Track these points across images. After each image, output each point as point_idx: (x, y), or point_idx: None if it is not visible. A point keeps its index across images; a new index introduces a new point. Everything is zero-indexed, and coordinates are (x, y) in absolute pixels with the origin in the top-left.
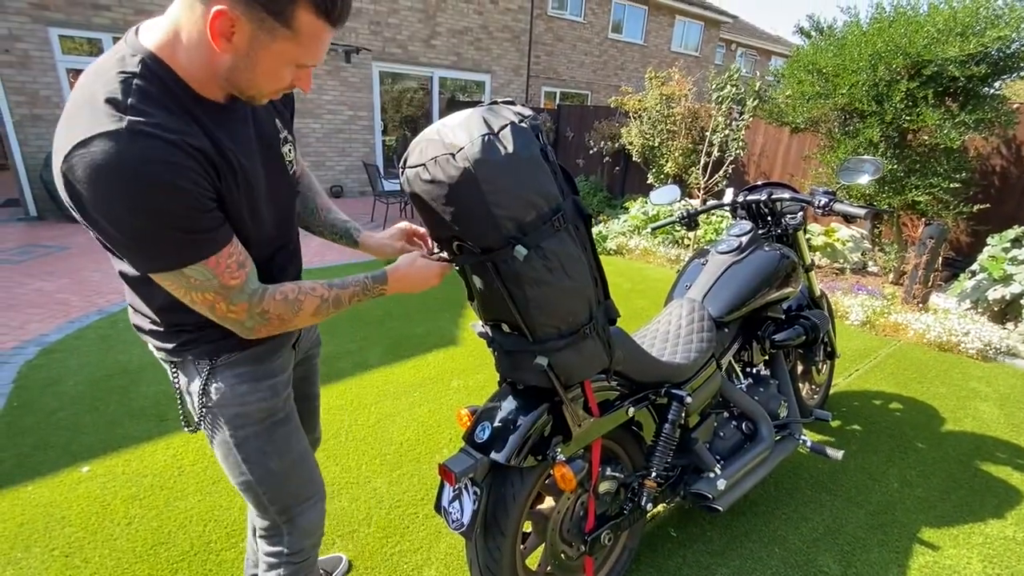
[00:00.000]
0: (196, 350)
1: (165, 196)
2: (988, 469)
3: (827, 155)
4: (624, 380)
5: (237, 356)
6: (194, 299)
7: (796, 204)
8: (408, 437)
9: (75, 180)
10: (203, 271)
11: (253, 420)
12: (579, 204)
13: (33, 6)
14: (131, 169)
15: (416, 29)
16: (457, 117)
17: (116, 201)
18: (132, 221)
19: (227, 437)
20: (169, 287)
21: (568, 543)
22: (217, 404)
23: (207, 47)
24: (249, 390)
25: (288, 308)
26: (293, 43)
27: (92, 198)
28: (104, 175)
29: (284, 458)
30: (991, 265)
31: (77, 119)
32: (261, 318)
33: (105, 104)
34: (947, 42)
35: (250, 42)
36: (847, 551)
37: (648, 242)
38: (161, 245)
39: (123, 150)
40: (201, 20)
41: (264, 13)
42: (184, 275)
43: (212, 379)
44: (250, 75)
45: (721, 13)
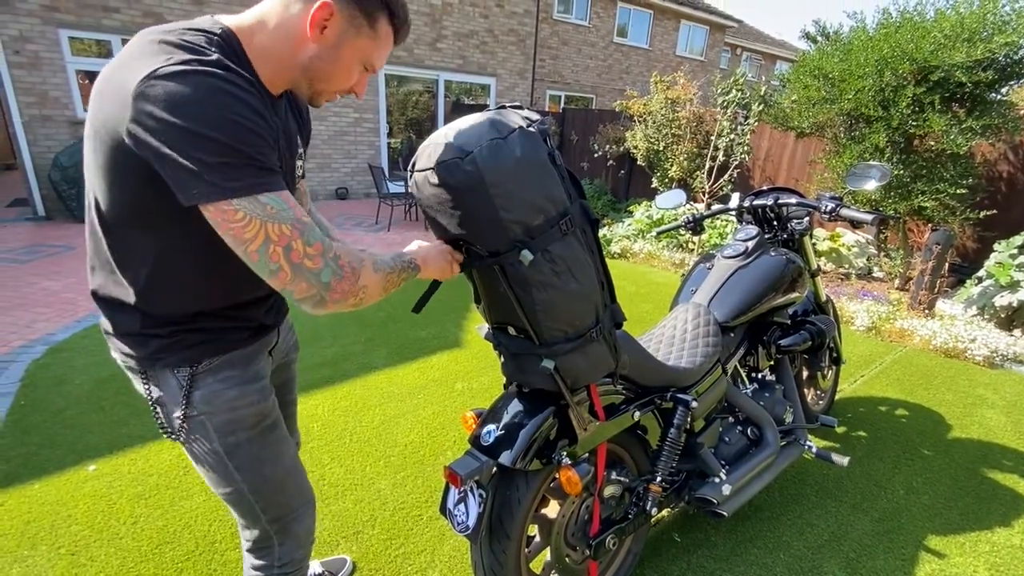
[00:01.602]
0: (173, 356)
1: (247, 119)
2: (995, 477)
3: (833, 160)
4: (630, 384)
5: (220, 360)
6: (270, 234)
7: (802, 209)
8: (412, 439)
9: (154, 101)
10: (278, 200)
11: (246, 425)
12: (586, 208)
13: (44, 8)
14: (217, 90)
15: (422, 32)
16: (466, 121)
17: (200, 119)
18: (216, 140)
19: (216, 446)
20: (239, 226)
21: (573, 547)
22: (204, 412)
23: (296, 36)
24: (240, 394)
25: (355, 259)
26: (372, 43)
27: (173, 118)
28: (190, 94)
29: (278, 464)
30: (998, 271)
31: (150, 57)
32: (336, 264)
33: (181, 49)
34: (954, 48)
35: (339, 36)
36: (852, 558)
37: (652, 246)
38: (242, 167)
39: (208, 76)
40: (301, 13)
41: (357, 11)
42: (260, 202)
43: (195, 386)
44: (331, 66)
45: (726, 17)
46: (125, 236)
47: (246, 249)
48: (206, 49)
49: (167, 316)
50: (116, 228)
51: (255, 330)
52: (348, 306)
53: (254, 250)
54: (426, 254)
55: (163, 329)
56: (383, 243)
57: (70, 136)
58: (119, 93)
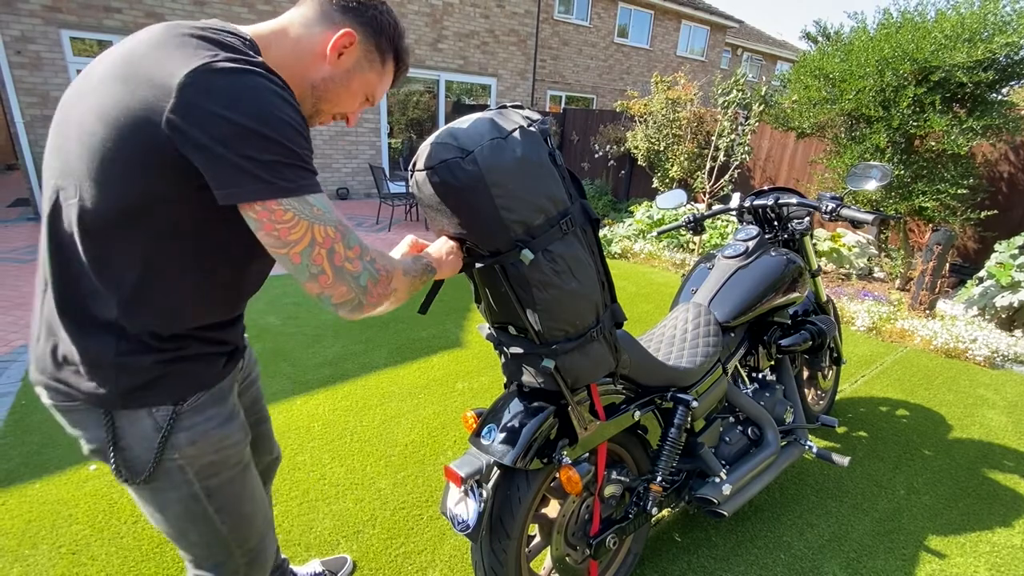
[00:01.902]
0: (154, 392)
1: (295, 120)
2: (995, 477)
3: (833, 160)
4: (630, 384)
5: (204, 396)
6: (316, 236)
7: (803, 209)
8: (413, 439)
9: (206, 94)
10: (323, 201)
11: (229, 465)
12: (587, 208)
13: (46, 8)
14: (268, 90)
15: (423, 33)
16: (467, 121)
17: (255, 116)
18: (269, 138)
19: (195, 490)
20: (286, 227)
21: (573, 546)
22: (186, 456)
23: (313, 55)
24: (227, 433)
25: (388, 260)
26: (378, 79)
27: (227, 113)
28: (245, 91)
29: (255, 498)
30: (999, 272)
31: (190, 49)
32: (372, 267)
33: (223, 47)
34: (955, 48)
35: (354, 64)
36: (853, 558)
37: (653, 246)
38: (293, 167)
39: (259, 76)
40: (321, 35)
41: (374, 47)
42: (308, 203)
43: (177, 427)
44: (341, 90)
45: (727, 18)
46: (109, 237)
47: (289, 252)
48: (247, 51)
49: (152, 335)
50: (101, 228)
51: (230, 355)
52: (381, 310)
53: (297, 252)
54: (438, 255)
55: (145, 358)
56: (384, 243)
57: None
58: (154, 80)
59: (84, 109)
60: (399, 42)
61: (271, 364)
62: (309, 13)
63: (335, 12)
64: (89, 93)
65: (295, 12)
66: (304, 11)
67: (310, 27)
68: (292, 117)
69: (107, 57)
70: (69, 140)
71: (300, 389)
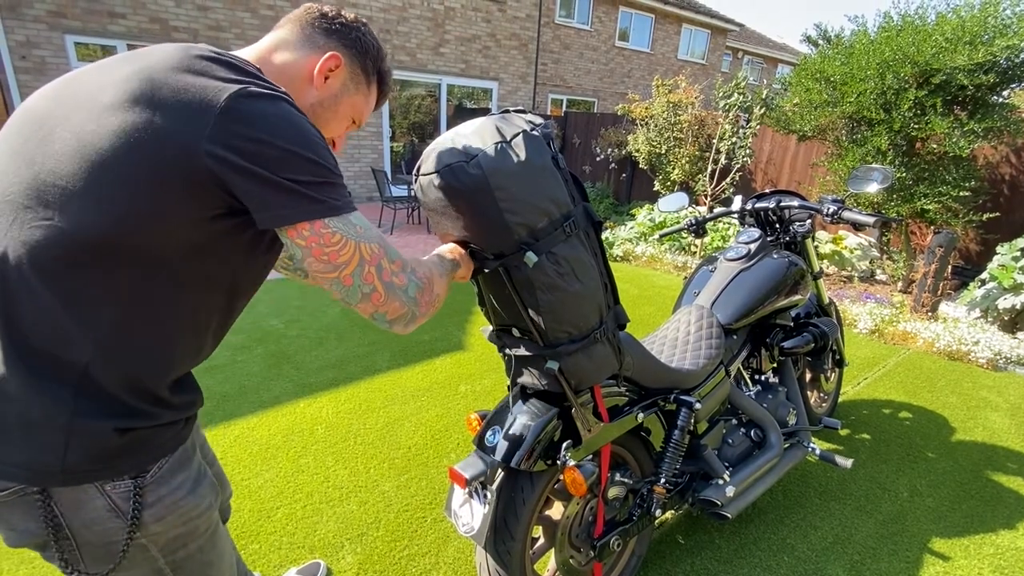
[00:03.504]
0: (109, 465)
1: (325, 143)
2: (999, 479)
3: (835, 163)
4: (633, 386)
5: (168, 463)
6: (364, 254)
7: (804, 212)
8: (416, 441)
9: (248, 121)
10: (363, 219)
11: (198, 535)
12: (590, 211)
13: (51, 14)
14: (300, 116)
15: (425, 37)
16: (470, 125)
17: (296, 140)
18: (311, 160)
19: (160, 566)
20: (335, 249)
21: (577, 548)
22: (150, 534)
23: (300, 80)
24: (196, 502)
25: (424, 267)
26: (363, 100)
27: (271, 138)
28: (284, 117)
29: (224, 559)
30: (1001, 274)
31: (219, 73)
32: (415, 277)
33: (250, 75)
34: (955, 51)
35: (341, 87)
36: (856, 561)
37: (655, 249)
38: (335, 187)
39: (288, 103)
40: (306, 59)
41: (359, 69)
42: (351, 222)
43: (143, 502)
44: (329, 114)
45: (727, 21)
46: (87, 266)
47: (340, 275)
48: (266, 79)
49: (127, 388)
50: (80, 254)
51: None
52: (428, 318)
53: (348, 274)
54: (460, 254)
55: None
56: None
57: None
58: (187, 105)
59: (90, 126)
60: (381, 64)
61: (275, 367)
62: (291, 37)
63: (318, 35)
64: (92, 109)
65: (275, 36)
66: (285, 35)
67: (294, 51)
68: (322, 139)
69: (112, 74)
70: (53, 156)
71: (304, 392)
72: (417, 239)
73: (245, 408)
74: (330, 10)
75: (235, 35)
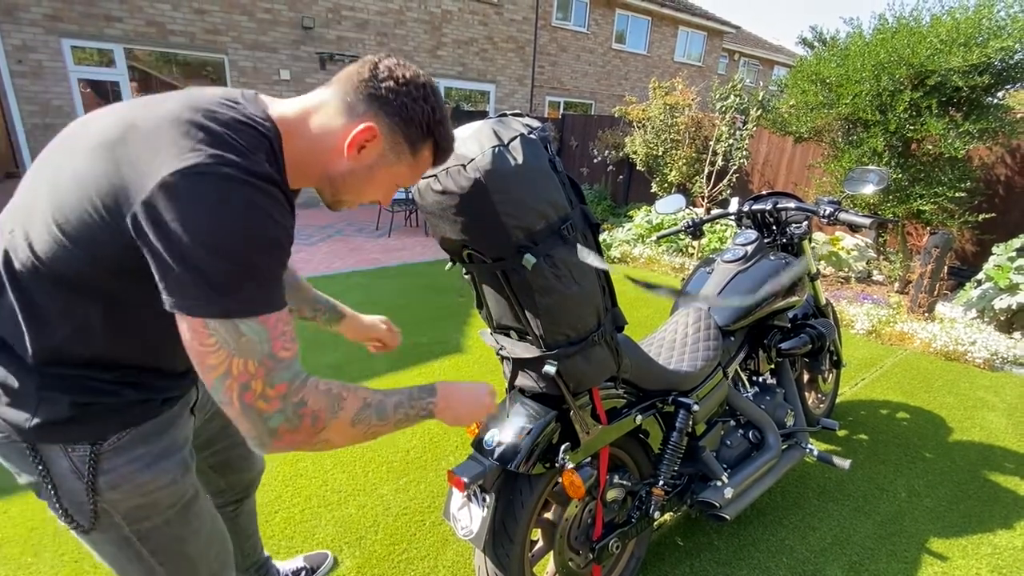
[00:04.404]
0: (69, 431)
1: (263, 246)
2: (996, 479)
3: (831, 164)
4: (632, 388)
5: (129, 435)
6: (232, 370)
7: (801, 213)
8: (415, 444)
9: (171, 198)
10: (258, 329)
11: (162, 508)
12: (587, 213)
13: (48, 17)
14: (248, 203)
15: (422, 40)
16: (467, 129)
17: (215, 234)
18: (223, 258)
19: (126, 534)
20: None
21: (576, 551)
22: (108, 500)
23: (332, 150)
24: (154, 476)
25: (329, 404)
26: (409, 168)
27: (186, 223)
28: (214, 205)
29: (200, 536)
30: (997, 274)
31: (188, 141)
32: (294, 412)
33: (225, 146)
34: (950, 52)
35: (377, 158)
36: (855, 561)
37: (652, 251)
38: (238, 290)
39: (236, 189)
40: (341, 129)
41: (402, 139)
42: (238, 330)
43: (98, 469)
44: (363, 184)
45: (724, 23)
46: (64, 275)
47: (204, 375)
48: (250, 153)
49: (88, 366)
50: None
51: (169, 400)
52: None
53: (212, 377)
54: (453, 396)
55: (63, 395)
56: (383, 249)
57: None
58: (138, 168)
59: (65, 161)
60: (437, 128)
61: None
62: (332, 100)
63: (359, 102)
64: (76, 147)
65: (320, 96)
66: (328, 96)
67: (331, 118)
68: (271, 238)
69: (110, 117)
70: (37, 197)
71: None
72: (415, 241)
73: None
74: (383, 70)
75: (232, 38)
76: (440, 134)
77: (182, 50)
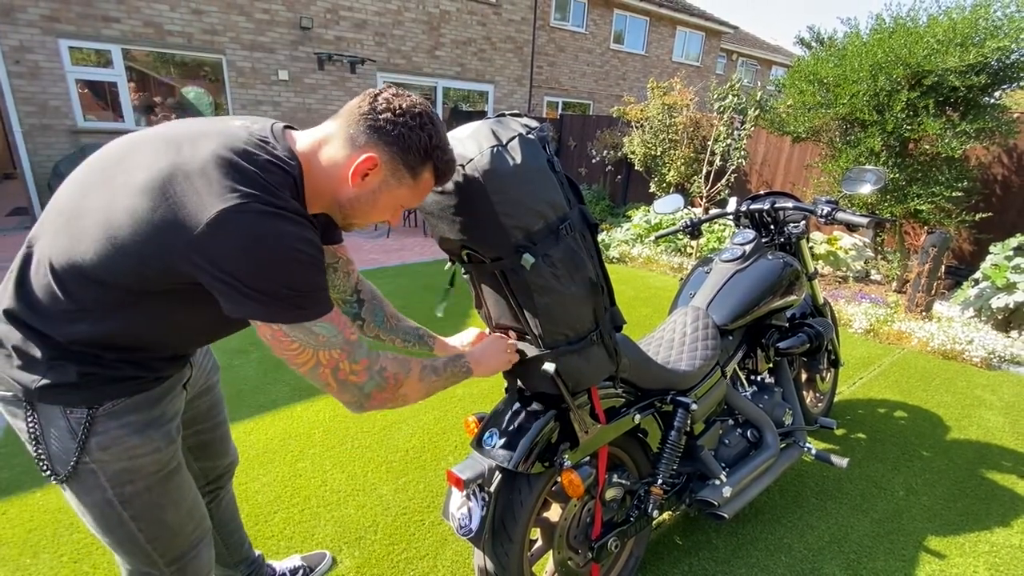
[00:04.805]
0: (70, 396)
1: (304, 263)
2: (994, 477)
3: (829, 164)
4: (630, 387)
5: (123, 403)
6: (320, 359)
7: (799, 213)
8: (414, 444)
9: (218, 233)
10: (326, 326)
11: (145, 473)
12: (585, 213)
13: (45, 18)
14: (286, 234)
15: (420, 40)
16: (466, 129)
17: (268, 263)
18: (281, 281)
19: (109, 496)
20: (292, 352)
21: (575, 550)
22: (97, 460)
23: (338, 178)
24: (141, 442)
25: (401, 367)
26: (411, 191)
27: (235, 253)
28: (257, 235)
29: (180, 507)
30: (994, 273)
31: (228, 182)
32: (379, 377)
33: (258, 186)
34: (947, 52)
35: (379, 184)
36: (853, 559)
37: (651, 250)
38: (302, 299)
39: (272, 221)
40: (345, 160)
41: (401, 166)
42: (312, 332)
43: (91, 431)
44: (368, 209)
45: (722, 23)
46: (89, 282)
47: (297, 368)
48: (278, 191)
49: (94, 343)
50: (84, 274)
51: (164, 378)
52: (386, 408)
53: (305, 370)
54: (481, 354)
55: (71, 366)
56: (382, 249)
57: (70, 145)
58: (186, 208)
59: (119, 198)
60: (435, 152)
61: (271, 371)
62: (337, 132)
63: (360, 134)
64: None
65: (325, 130)
66: (333, 130)
67: (336, 150)
68: (306, 254)
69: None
70: (95, 201)
71: (301, 396)
72: (414, 242)
73: (242, 412)
74: (381, 102)
75: (230, 39)
76: (438, 157)
77: (180, 50)
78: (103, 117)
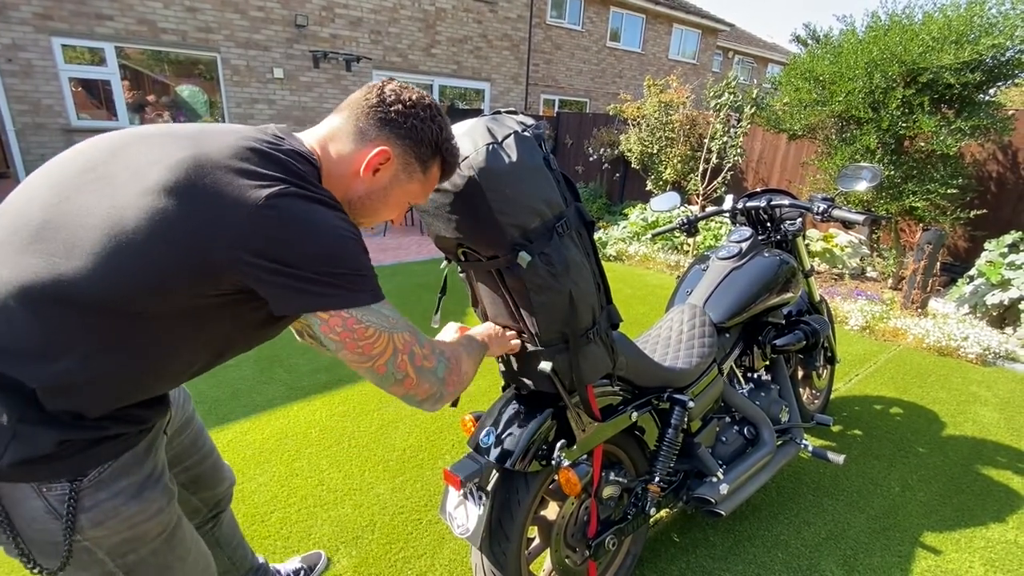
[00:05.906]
0: (47, 467)
1: (362, 248)
2: (989, 473)
3: (825, 162)
4: (627, 385)
5: (110, 468)
6: (397, 344)
7: (795, 210)
8: (411, 443)
9: (281, 224)
10: (391, 308)
11: (149, 539)
12: (582, 211)
13: (37, 16)
14: (333, 215)
15: (416, 38)
16: (462, 127)
17: (325, 243)
18: (340, 260)
19: (110, 569)
20: (369, 342)
21: (572, 548)
22: (91, 538)
23: (349, 173)
24: (141, 507)
25: (450, 347)
26: (420, 185)
27: (304, 242)
28: (316, 219)
29: (186, 560)
30: (989, 270)
31: (263, 171)
32: (443, 358)
33: (293, 174)
34: (942, 50)
35: (391, 179)
36: (849, 556)
37: (648, 248)
38: (362, 281)
39: (324, 204)
40: (356, 154)
41: (413, 159)
42: (383, 314)
43: (79, 507)
44: (379, 204)
45: (718, 21)
46: (67, 313)
47: (374, 365)
48: (309, 177)
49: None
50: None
51: (148, 428)
52: (456, 396)
53: (383, 363)
54: (483, 335)
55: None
56: (379, 248)
57: (63, 144)
58: (221, 203)
59: (127, 199)
60: (445, 145)
61: (267, 370)
62: (344, 126)
63: (371, 127)
64: (136, 183)
65: (332, 124)
66: (340, 124)
67: (345, 143)
68: (354, 235)
69: (169, 153)
70: (84, 205)
71: (297, 395)
72: (411, 240)
73: (238, 412)
74: (389, 94)
75: (224, 36)
76: (447, 150)
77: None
78: (97, 116)
